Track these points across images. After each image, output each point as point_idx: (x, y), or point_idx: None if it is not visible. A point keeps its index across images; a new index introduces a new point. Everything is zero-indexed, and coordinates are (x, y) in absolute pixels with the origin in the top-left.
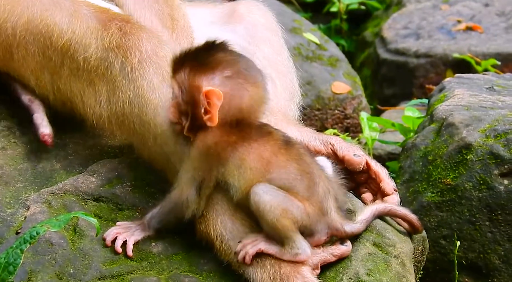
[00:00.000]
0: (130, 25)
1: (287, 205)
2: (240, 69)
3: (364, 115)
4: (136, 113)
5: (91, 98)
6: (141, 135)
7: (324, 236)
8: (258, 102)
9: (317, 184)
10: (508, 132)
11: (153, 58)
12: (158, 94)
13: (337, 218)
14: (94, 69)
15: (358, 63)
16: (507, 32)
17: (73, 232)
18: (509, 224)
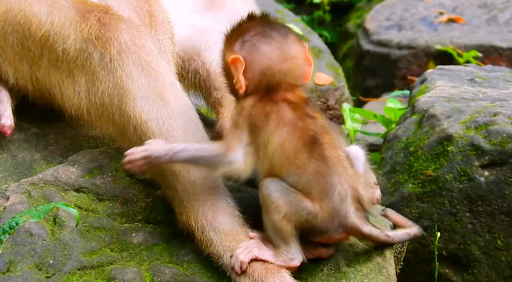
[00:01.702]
0: (108, 16)
1: (294, 208)
2: (257, 32)
3: (346, 106)
4: (115, 104)
5: (69, 89)
6: (121, 126)
7: (337, 235)
8: (279, 62)
9: (334, 187)
10: (489, 124)
11: (132, 49)
12: (137, 85)
13: (356, 220)
14: (73, 60)
15: (340, 54)
16: (488, 24)
17: (53, 223)
18: (489, 215)
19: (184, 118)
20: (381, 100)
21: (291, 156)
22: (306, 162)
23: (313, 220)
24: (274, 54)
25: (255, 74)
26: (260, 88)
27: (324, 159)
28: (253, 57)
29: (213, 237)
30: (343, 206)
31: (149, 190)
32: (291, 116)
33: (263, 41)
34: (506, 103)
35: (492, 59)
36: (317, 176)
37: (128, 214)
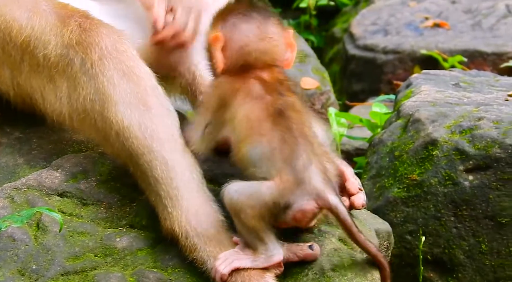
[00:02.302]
0: (89, 21)
1: (256, 200)
2: (239, 12)
3: (332, 111)
4: (97, 110)
5: (51, 94)
6: (103, 132)
7: (307, 205)
8: (256, 40)
9: (298, 156)
10: (473, 128)
11: (113, 54)
12: (119, 91)
13: (321, 186)
14: (54, 65)
15: (327, 59)
16: (473, 29)
17: (36, 228)
18: (473, 220)
19: (166, 123)
20: (367, 104)
21: (255, 125)
22: (270, 131)
23: (278, 198)
24: (251, 32)
25: (233, 52)
26: (237, 67)
27: (290, 130)
28: (231, 35)
29: (197, 243)
30: (306, 173)
31: (133, 195)
32: (260, 92)
33: (243, 20)
34: (491, 108)
35: (477, 64)
36: (282, 144)
37: (112, 219)
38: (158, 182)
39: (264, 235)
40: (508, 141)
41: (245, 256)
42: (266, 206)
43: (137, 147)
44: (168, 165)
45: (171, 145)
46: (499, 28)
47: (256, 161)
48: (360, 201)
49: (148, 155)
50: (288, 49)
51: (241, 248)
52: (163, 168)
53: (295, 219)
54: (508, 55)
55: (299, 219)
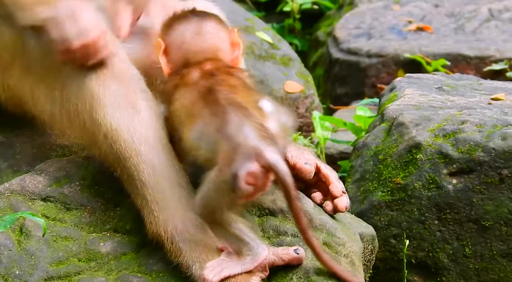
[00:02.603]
0: None
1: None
2: (178, 18)
3: (316, 114)
4: (86, 111)
5: (41, 96)
6: (92, 133)
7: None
8: (192, 37)
9: (229, 121)
10: (457, 132)
11: (105, 54)
12: (108, 93)
13: (258, 144)
14: (46, 66)
15: (311, 62)
16: (456, 33)
17: (20, 232)
18: (457, 223)
19: (155, 126)
20: (351, 108)
21: (189, 109)
22: (202, 110)
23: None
24: (187, 30)
25: (173, 54)
26: (180, 66)
27: (218, 102)
28: (170, 38)
29: (183, 248)
30: (240, 135)
31: (117, 199)
32: (196, 79)
33: (180, 22)
34: (474, 111)
35: (460, 68)
36: (212, 117)
37: (96, 223)
38: (145, 185)
39: (237, 232)
40: (492, 144)
41: (233, 262)
42: (221, 190)
43: (124, 150)
44: (155, 169)
45: (159, 148)
46: (482, 32)
47: (197, 142)
48: (343, 204)
49: (136, 158)
50: (233, 48)
51: (227, 255)
52: (150, 172)
53: (250, 184)
54: (491, 59)
55: (253, 183)
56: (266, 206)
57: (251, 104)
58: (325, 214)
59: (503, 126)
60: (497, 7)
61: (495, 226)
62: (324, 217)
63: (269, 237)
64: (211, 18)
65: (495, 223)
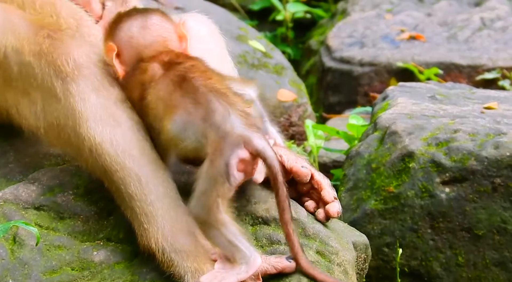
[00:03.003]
0: (60, 33)
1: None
2: (123, 18)
3: (309, 123)
4: (70, 125)
5: (26, 109)
6: (77, 147)
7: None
8: (138, 31)
9: (215, 110)
10: (449, 141)
11: (85, 66)
12: (89, 106)
13: (245, 131)
14: (28, 78)
15: (303, 71)
16: (448, 42)
17: (13, 241)
18: (450, 232)
19: (138, 137)
20: (344, 116)
21: (167, 100)
22: (181, 99)
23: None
24: (132, 26)
25: (125, 53)
26: (134, 66)
27: (197, 89)
28: (119, 39)
29: (174, 258)
30: (227, 124)
31: (110, 208)
32: (160, 70)
33: (125, 21)
34: (466, 120)
35: (453, 77)
36: (195, 106)
37: (90, 232)
38: (133, 198)
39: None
40: (484, 153)
41: (227, 273)
42: (214, 180)
43: (110, 164)
44: (142, 181)
45: (143, 160)
46: (474, 41)
47: (181, 133)
48: (335, 209)
49: (121, 171)
50: (180, 40)
51: (221, 265)
52: (136, 185)
53: (240, 170)
54: (483, 67)
55: (244, 169)
56: (259, 215)
57: (228, 90)
58: (318, 223)
59: (496, 135)
60: (490, 16)
61: (488, 234)
62: (317, 225)
63: (262, 245)
64: (154, 12)
65: (488, 231)
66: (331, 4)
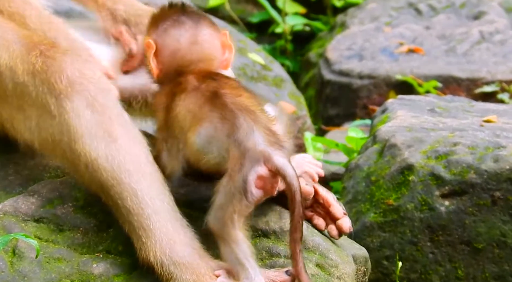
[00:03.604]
0: (54, 50)
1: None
2: (170, 18)
3: (308, 135)
4: (65, 141)
5: (21, 124)
6: (73, 163)
7: (261, 170)
8: (187, 44)
9: (239, 126)
10: (449, 154)
11: (78, 82)
12: (84, 122)
13: (267, 148)
14: (22, 94)
15: (302, 83)
16: (447, 55)
17: (12, 254)
18: (449, 245)
19: (134, 152)
20: (343, 129)
21: (196, 113)
22: (209, 113)
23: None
24: (183, 37)
25: (165, 58)
26: (172, 72)
27: (226, 106)
28: (163, 41)
29: (173, 271)
30: (249, 141)
31: (110, 220)
32: (195, 83)
33: (173, 25)
34: (466, 133)
35: (452, 90)
36: (222, 121)
37: (89, 245)
38: (130, 212)
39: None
40: (484, 166)
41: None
42: (232, 196)
43: (106, 179)
44: (138, 196)
45: (139, 174)
46: (473, 54)
47: (205, 147)
48: (347, 225)
49: (118, 186)
50: (224, 50)
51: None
52: (133, 199)
53: (259, 187)
54: (482, 80)
55: (263, 187)
56: (259, 227)
57: (256, 107)
58: (318, 235)
59: (495, 148)
60: (488, 30)
61: (487, 248)
62: (317, 238)
63: (262, 258)
64: (205, 22)
65: (487, 245)
66: (330, 17)
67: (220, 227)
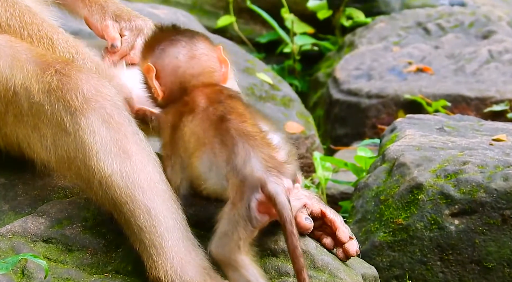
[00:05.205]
0: (69, 67)
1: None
2: (165, 39)
3: (317, 155)
4: (80, 158)
5: (37, 143)
6: (87, 180)
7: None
8: (186, 60)
9: (236, 153)
10: (458, 173)
11: (93, 100)
12: (99, 138)
13: (263, 175)
14: (38, 113)
15: (311, 103)
16: (456, 74)
17: (21, 275)
18: (459, 264)
19: (148, 169)
20: (352, 149)
21: (201, 136)
22: (212, 139)
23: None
24: (180, 54)
25: (167, 78)
26: (176, 91)
27: (228, 131)
28: (162, 62)
29: None
30: (247, 168)
31: (119, 240)
32: (203, 105)
33: (170, 44)
34: (475, 152)
35: (460, 109)
36: (221, 147)
37: (98, 265)
38: (142, 230)
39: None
40: (493, 185)
41: None
42: (237, 223)
43: (119, 196)
44: (151, 213)
45: (152, 192)
46: (482, 73)
47: (205, 173)
48: (354, 248)
49: (131, 203)
50: (221, 64)
51: None
52: (146, 217)
53: (262, 212)
54: (491, 100)
55: (265, 212)
56: (268, 246)
57: (259, 134)
58: (327, 254)
59: (505, 167)
60: (497, 49)
61: (497, 267)
62: (326, 257)
63: (271, 278)
64: (200, 38)
65: (497, 264)
66: (339, 36)
67: (226, 254)
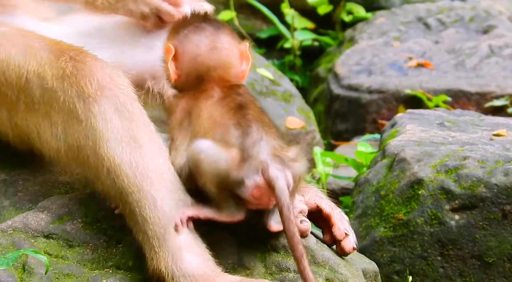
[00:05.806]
0: (83, 55)
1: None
2: (191, 24)
3: (317, 150)
4: (90, 146)
5: (47, 132)
6: (95, 168)
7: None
8: (206, 50)
9: (249, 134)
10: (459, 168)
11: (107, 88)
12: (111, 126)
13: (267, 160)
14: (50, 101)
15: (311, 98)
16: (456, 69)
17: (22, 270)
18: (460, 259)
19: (157, 161)
20: (352, 144)
21: (217, 118)
22: (229, 120)
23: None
24: (202, 43)
25: (184, 63)
26: (191, 78)
27: (245, 116)
28: (183, 46)
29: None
30: (254, 149)
31: (119, 236)
32: (220, 95)
33: (194, 31)
34: (475, 147)
35: (461, 104)
36: (236, 126)
37: (99, 260)
38: (146, 221)
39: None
40: (494, 180)
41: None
42: (221, 176)
43: (127, 185)
44: (157, 205)
45: (160, 184)
46: (482, 68)
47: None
48: (349, 245)
49: (138, 193)
50: (242, 61)
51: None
52: (151, 208)
53: (254, 197)
54: (492, 95)
55: (258, 196)
56: (268, 242)
57: (275, 127)
58: (328, 250)
59: (505, 162)
60: (497, 44)
61: (498, 262)
62: (327, 252)
63: (272, 273)
64: (225, 31)
65: (498, 259)
66: (339, 32)
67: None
